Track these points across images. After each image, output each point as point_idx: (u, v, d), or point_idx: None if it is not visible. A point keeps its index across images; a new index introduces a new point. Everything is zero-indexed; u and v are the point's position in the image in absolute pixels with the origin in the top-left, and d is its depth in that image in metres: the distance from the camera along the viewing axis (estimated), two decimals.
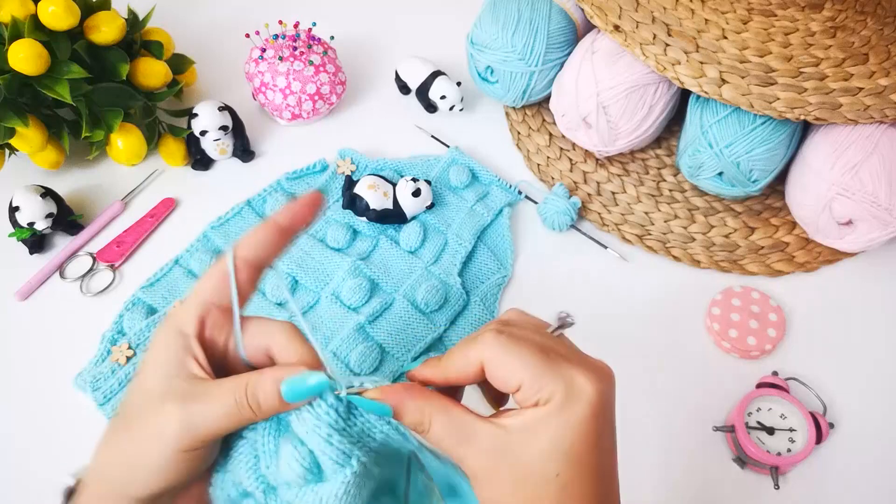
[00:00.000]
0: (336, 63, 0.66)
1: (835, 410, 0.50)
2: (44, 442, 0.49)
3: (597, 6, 0.55)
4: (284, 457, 0.26)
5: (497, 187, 0.62)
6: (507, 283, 0.57)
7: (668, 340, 0.54)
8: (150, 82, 0.62)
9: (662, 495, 0.47)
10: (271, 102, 0.65)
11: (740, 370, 0.52)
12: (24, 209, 0.56)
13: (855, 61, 0.51)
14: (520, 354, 0.27)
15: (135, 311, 0.54)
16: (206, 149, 0.63)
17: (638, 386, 0.51)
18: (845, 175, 0.50)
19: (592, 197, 0.62)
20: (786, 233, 0.59)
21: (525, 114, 0.68)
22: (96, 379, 0.50)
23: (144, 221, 0.60)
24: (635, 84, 0.55)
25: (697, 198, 0.61)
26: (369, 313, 0.53)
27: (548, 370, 0.26)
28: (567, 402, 0.26)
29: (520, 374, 0.27)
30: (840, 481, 0.48)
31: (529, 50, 0.60)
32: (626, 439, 0.49)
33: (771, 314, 0.54)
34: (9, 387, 0.52)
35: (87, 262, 0.58)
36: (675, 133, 0.65)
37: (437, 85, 0.66)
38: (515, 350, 0.27)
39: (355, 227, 0.59)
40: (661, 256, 0.59)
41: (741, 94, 0.50)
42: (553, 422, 0.26)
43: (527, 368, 0.26)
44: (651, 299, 0.56)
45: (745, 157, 0.53)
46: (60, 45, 0.55)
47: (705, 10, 0.54)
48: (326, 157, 0.64)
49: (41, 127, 0.58)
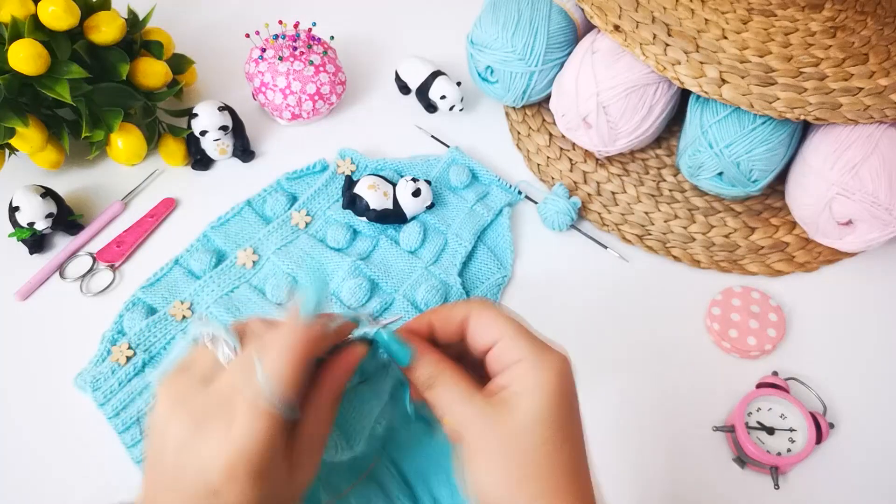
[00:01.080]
0: (336, 63, 0.66)
1: (835, 410, 0.50)
2: (44, 441, 0.49)
3: (597, 6, 0.55)
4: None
5: (497, 187, 0.62)
6: (507, 283, 0.57)
7: (668, 340, 0.54)
8: (150, 82, 0.62)
9: (662, 495, 0.47)
10: (271, 102, 0.65)
11: (740, 370, 0.52)
12: (24, 209, 0.56)
13: (855, 61, 0.51)
14: (501, 316, 0.29)
15: (135, 311, 0.54)
16: (206, 149, 0.63)
17: (638, 386, 0.51)
18: (845, 175, 0.50)
19: (592, 197, 0.62)
20: (786, 233, 0.59)
21: (525, 114, 0.68)
22: (96, 379, 0.50)
23: (144, 221, 0.60)
24: (635, 84, 0.55)
25: (697, 198, 0.61)
26: (369, 313, 0.53)
27: (522, 336, 0.29)
28: (539, 370, 0.28)
29: (497, 330, 0.29)
30: (840, 481, 0.48)
31: (529, 50, 0.60)
32: (626, 439, 0.50)
33: (771, 314, 0.54)
34: (9, 387, 0.52)
35: (87, 262, 0.58)
36: (675, 133, 0.65)
37: (437, 85, 0.66)
38: (497, 312, 0.30)
39: (355, 227, 0.59)
40: (661, 256, 0.59)
41: (741, 94, 0.50)
42: (532, 391, 0.27)
43: (504, 328, 0.29)
44: (651, 299, 0.56)
45: (745, 157, 0.53)
46: (60, 45, 0.55)
47: (705, 10, 0.54)
48: (326, 157, 0.64)
49: (41, 127, 0.58)
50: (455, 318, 0.30)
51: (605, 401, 0.50)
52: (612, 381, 0.52)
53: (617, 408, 0.50)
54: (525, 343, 0.28)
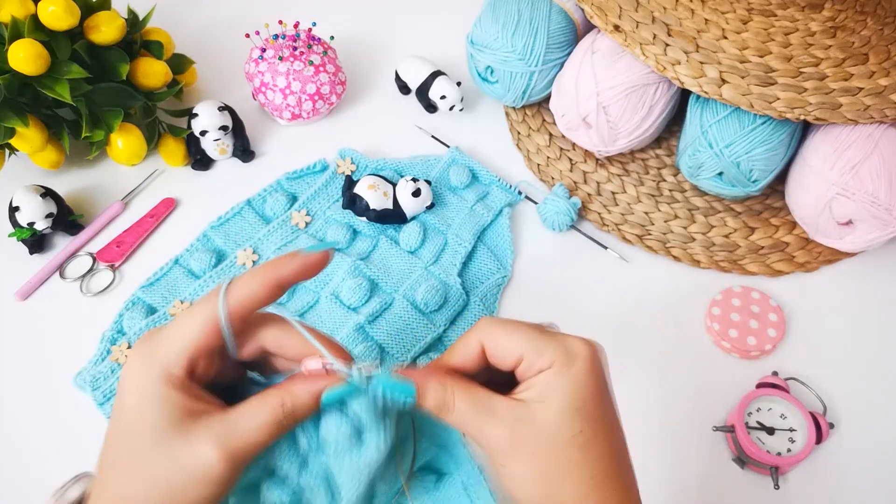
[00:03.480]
0: (336, 63, 0.66)
1: (835, 410, 0.50)
2: (44, 441, 0.49)
3: (597, 6, 0.55)
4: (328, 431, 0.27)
5: (497, 187, 0.62)
6: (506, 284, 0.57)
7: (668, 340, 0.54)
8: (150, 82, 0.62)
9: (662, 495, 0.47)
10: (271, 102, 0.65)
11: (740, 370, 0.52)
12: (24, 209, 0.56)
13: (855, 61, 0.51)
14: (515, 329, 0.28)
15: (135, 311, 0.54)
16: (206, 149, 0.63)
17: (638, 386, 0.51)
18: (845, 175, 0.50)
19: (592, 197, 0.62)
20: (786, 233, 0.59)
21: (525, 114, 0.68)
22: (96, 378, 0.50)
23: (144, 221, 0.60)
24: (635, 84, 0.55)
25: (697, 198, 0.61)
26: (369, 313, 0.53)
27: (543, 339, 0.28)
28: (568, 364, 0.27)
29: (519, 345, 0.28)
30: (840, 481, 0.48)
31: (529, 50, 0.60)
32: (626, 439, 0.49)
33: (771, 314, 0.54)
34: (9, 387, 0.52)
35: (87, 262, 0.58)
36: (675, 133, 0.65)
37: (437, 85, 0.66)
38: (511, 326, 0.29)
39: (355, 227, 0.59)
40: (661, 256, 0.59)
41: (741, 94, 0.50)
42: (562, 383, 0.27)
43: (524, 340, 0.28)
44: (651, 299, 0.56)
45: (745, 157, 0.53)
46: (60, 45, 0.55)
47: (705, 10, 0.54)
48: (326, 157, 0.64)
49: (41, 127, 0.58)
50: (470, 351, 0.29)
51: None
52: (612, 381, 0.52)
53: (616, 407, 0.50)
54: (547, 347, 0.27)
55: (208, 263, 0.56)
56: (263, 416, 0.26)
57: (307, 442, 0.28)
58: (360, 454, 0.27)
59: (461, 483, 0.31)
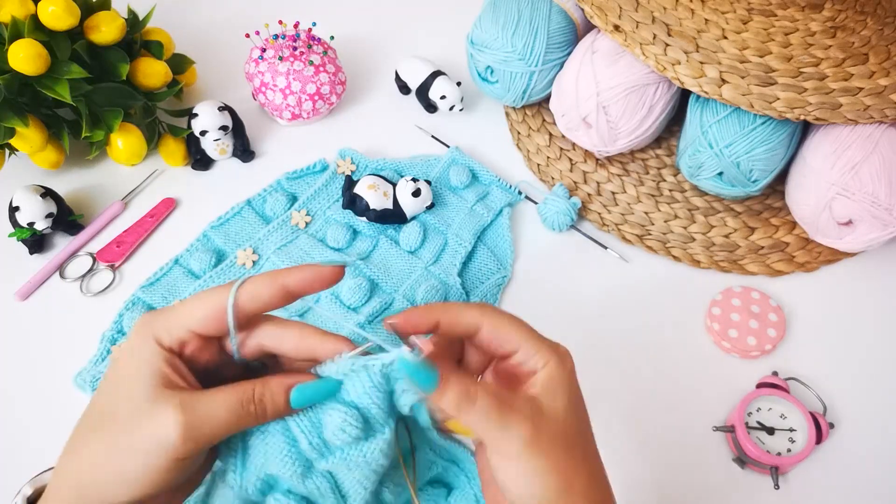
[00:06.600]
0: (336, 63, 0.66)
1: (835, 410, 0.50)
2: (44, 441, 0.49)
3: (597, 6, 0.55)
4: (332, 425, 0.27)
5: (497, 187, 0.62)
6: (506, 284, 0.57)
7: (668, 340, 0.54)
8: (150, 82, 0.62)
9: (662, 495, 0.47)
10: (271, 102, 0.65)
11: (740, 370, 0.52)
12: (24, 209, 0.56)
13: (855, 61, 0.51)
14: (515, 322, 0.30)
15: (135, 311, 0.54)
16: (206, 149, 0.63)
17: (638, 386, 0.51)
18: (845, 175, 0.50)
19: (592, 197, 0.62)
20: (786, 233, 0.59)
21: (525, 114, 0.68)
22: (96, 378, 0.50)
23: (144, 221, 0.60)
24: (635, 84, 0.55)
25: (697, 198, 0.61)
26: (369, 313, 0.53)
27: (539, 338, 0.30)
28: (562, 363, 0.29)
29: (517, 337, 0.29)
30: (840, 481, 0.48)
31: (529, 50, 0.60)
32: (626, 439, 0.50)
33: (771, 314, 0.54)
34: (9, 387, 0.52)
35: (87, 262, 0.58)
36: (675, 133, 0.65)
37: (437, 85, 0.66)
38: (510, 318, 0.30)
39: (355, 227, 0.59)
40: (661, 256, 0.59)
41: (741, 94, 0.50)
42: (563, 381, 0.29)
43: (523, 335, 0.30)
44: (651, 299, 0.56)
45: (745, 157, 0.53)
46: (60, 45, 0.55)
47: (705, 10, 0.54)
48: (326, 157, 0.64)
49: (41, 127, 0.58)
50: (463, 322, 0.30)
51: (605, 400, 0.50)
52: (612, 381, 0.52)
53: (616, 408, 0.50)
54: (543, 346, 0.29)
55: (208, 263, 0.56)
56: (230, 398, 0.27)
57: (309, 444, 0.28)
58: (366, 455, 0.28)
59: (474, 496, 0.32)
